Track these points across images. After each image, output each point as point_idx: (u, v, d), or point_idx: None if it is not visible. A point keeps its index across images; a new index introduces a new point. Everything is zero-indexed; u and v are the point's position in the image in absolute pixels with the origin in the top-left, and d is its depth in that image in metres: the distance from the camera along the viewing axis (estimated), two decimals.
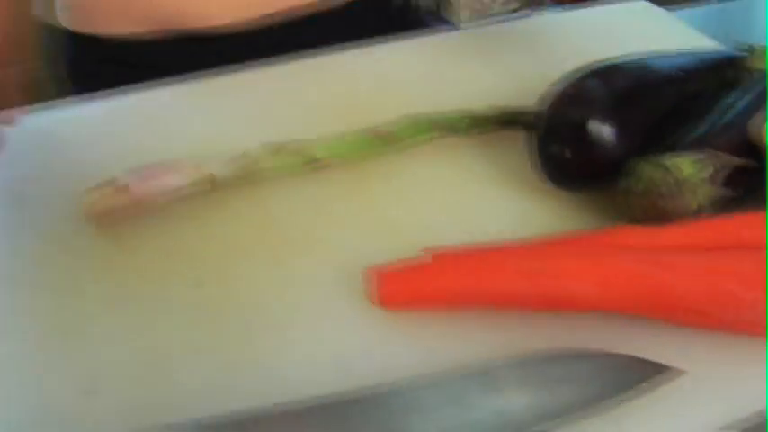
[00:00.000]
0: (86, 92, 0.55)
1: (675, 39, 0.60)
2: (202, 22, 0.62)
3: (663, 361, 0.35)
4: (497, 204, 0.44)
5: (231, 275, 0.40)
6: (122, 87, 0.54)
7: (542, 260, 0.35)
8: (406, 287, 0.37)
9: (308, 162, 0.44)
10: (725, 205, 0.40)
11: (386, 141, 0.46)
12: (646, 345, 0.36)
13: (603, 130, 0.41)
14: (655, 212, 0.40)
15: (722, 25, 0.66)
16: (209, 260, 0.41)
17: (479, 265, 0.36)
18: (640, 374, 0.33)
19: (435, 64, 0.58)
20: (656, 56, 0.48)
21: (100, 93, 0.54)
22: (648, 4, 0.65)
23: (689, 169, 0.39)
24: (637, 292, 0.35)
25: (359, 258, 0.40)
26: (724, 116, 0.44)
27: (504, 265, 0.36)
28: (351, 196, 0.45)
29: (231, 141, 0.45)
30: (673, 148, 0.41)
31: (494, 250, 0.37)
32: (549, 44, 0.60)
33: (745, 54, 0.50)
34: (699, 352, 0.35)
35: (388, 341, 0.36)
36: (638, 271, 0.35)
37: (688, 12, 0.66)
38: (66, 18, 0.66)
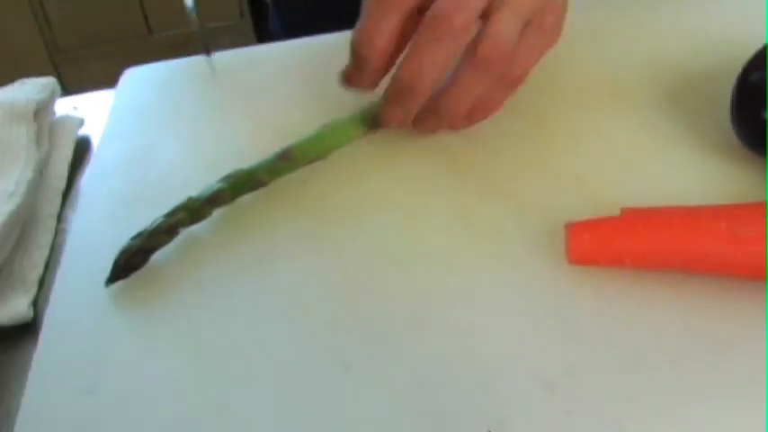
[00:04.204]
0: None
1: None
2: None
3: None
4: (688, 166, 0.42)
5: (416, 220, 0.40)
6: None
7: (751, 224, 0.33)
8: (599, 243, 0.35)
9: None
10: None
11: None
12: None
13: None
14: None
15: None
16: (396, 204, 0.41)
17: (678, 224, 0.34)
18: None
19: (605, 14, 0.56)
20: None
21: None
22: None
23: None
24: None
25: (545, 212, 0.39)
26: None
27: (707, 227, 0.34)
28: (536, 151, 0.44)
29: None
30: None
31: (695, 210, 0.36)
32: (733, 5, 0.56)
33: None
34: None
35: (575, 297, 0.35)
36: None
37: None
38: None
